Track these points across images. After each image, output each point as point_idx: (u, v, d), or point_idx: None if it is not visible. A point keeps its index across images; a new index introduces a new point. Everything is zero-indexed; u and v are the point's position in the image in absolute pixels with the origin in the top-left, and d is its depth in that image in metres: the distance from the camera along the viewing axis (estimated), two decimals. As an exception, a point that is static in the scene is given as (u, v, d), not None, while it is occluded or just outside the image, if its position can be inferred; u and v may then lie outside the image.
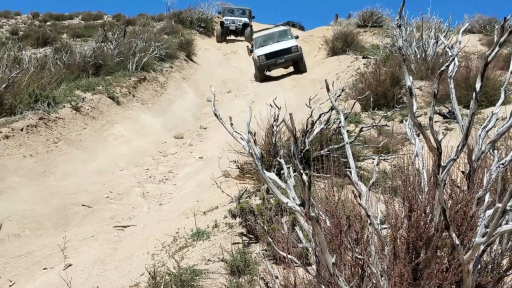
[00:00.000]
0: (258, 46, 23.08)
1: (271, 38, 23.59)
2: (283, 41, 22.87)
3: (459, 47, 3.58)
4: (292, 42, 22.62)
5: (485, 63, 2.74)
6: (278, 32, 24.09)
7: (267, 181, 3.03)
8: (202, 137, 14.50)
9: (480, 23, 27.46)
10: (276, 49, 22.14)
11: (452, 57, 2.99)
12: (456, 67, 3.11)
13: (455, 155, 2.75)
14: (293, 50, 22.05)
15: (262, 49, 22.51)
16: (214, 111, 3.44)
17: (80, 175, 10.57)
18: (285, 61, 22.10)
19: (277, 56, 21.92)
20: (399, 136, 8.51)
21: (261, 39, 23.82)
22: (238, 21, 33.11)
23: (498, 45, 2.72)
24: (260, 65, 22.17)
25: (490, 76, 10.47)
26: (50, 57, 17.54)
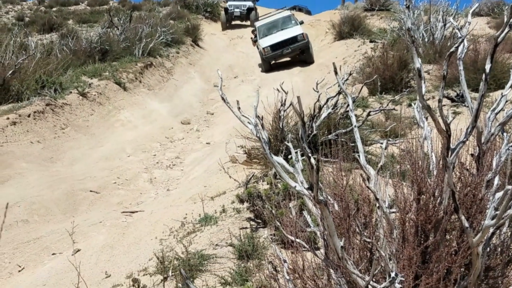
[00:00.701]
0: (262, 35, 21.99)
1: (275, 26, 22.46)
2: (288, 29, 21.73)
3: (468, 29, 3.53)
4: (297, 29, 21.41)
5: (495, 44, 2.70)
6: (282, 19, 22.87)
7: (275, 165, 3.02)
8: (209, 123, 14.49)
9: (488, 6, 27.24)
10: (282, 39, 20.95)
11: (461, 39, 2.95)
12: (465, 49, 3.08)
13: (465, 138, 2.72)
14: (299, 38, 20.77)
15: (267, 39, 21.40)
16: (222, 95, 3.41)
17: (87, 161, 10.60)
18: (291, 51, 20.86)
19: (283, 46, 20.78)
20: (407, 120, 8.47)
21: (264, 27, 22.61)
22: (242, 6, 32.31)
23: (508, 26, 2.68)
24: (266, 57, 21.07)
25: (498, 59, 10.39)
26: (56, 43, 17.53)
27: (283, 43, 20.77)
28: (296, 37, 20.75)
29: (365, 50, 17.86)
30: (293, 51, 20.93)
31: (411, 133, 7.27)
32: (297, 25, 21.98)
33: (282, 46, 20.74)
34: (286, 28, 21.83)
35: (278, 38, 21.03)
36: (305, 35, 20.89)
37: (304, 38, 20.73)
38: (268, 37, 21.44)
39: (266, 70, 21.30)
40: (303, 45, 20.74)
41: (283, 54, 20.98)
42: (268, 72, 21.06)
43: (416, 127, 5.67)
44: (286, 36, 20.96)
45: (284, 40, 20.78)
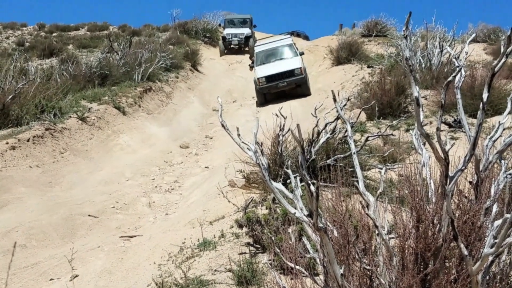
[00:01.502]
0: (260, 63, 20.99)
1: (273, 54, 21.43)
2: (287, 60, 20.62)
3: (465, 58, 3.58)
4: (296, 62, 20.27)
5: (492, 73, 2.74)
6: (282, 47, 21.79)
7: (275, 191, 3.04)
8: (207, 147, 14.52)
9: (484, 32, 27.58)
10: (278, 71, 19.73)
11: (459, 68, 2.99)
12: (463, 78, 3.12)
13: (463, 166, 2.75)
14: (296, 72, 19.69)
15: (263, 69, 20.23)
16: (221, 122, 3.45)
17: (86, 185, 10.59)
18: (287, 84, 19.64)
19: (279, 79, 19.56)
20: (405, 145, 8.51)
21: (263, 54, 21.56)
22: (240, 35, 32.06)
23: (505, 56, 2.73)
24: (260, 88, 19.78)
25: (495, 85, 10.47)
26: (56, 68, 17.64)
27: (279, 75, 19.70)
28: (294, 70, 19.75)
29: (363, 75, 17.99)
30: (289, 85, 19.79)
31: (409, 158, 7.30)
32: (297, 56, 20.95)
33: (278, 78, 19.65)
34: (285, 58, 20.93)
35: (275, 69, 19.98)
36: (303, 69, 19.95)
37: (301, 73, 19.76)
38: (265, 66, 20.52)
39: (261, 102, 20.06)
40: (299, 80, 19.80)
41: (278, 87, 19.74)
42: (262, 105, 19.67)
43: (414, 152, 5.69)
44: (283, 68, 19.91)
45: (281, 73, 19.73)
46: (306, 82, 20.06)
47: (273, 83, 19.57)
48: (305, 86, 19.97)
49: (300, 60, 20.38)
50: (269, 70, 19.91)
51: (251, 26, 33.85)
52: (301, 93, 19.85)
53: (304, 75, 19.82)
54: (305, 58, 23.64)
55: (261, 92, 19.89)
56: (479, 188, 2.99)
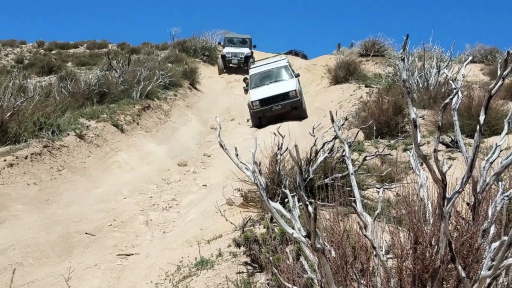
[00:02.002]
0: (254, 85, 20.50)
1: (268, 76, 20.87)
2: (282, 82, 20.16)
3: (462, 79, 3.62)
4: (291, 84, 19.73)
5: (488, 96, 2.77)
6: (277, 69, 21.19)
7: (273, 211, 3.05)
8: (205, 165, 14.52)
9: (481, 53, 27.81)
10: (272, 94, 19.21)
11: (456, 90, 3.02)
12: (460, 100, 3.15)
13: (460, 188, 2.77)
14: (291, 95, 19.18)
15: (257, 92, 19.74)
16: (220, 142, 3.47)
17: (83, 203, 10.57)
18: (282, 107, 19.07)
19: (273, 102, 19.09)
20: (403, 165, 8.53)
21: (257, 76, 21.04)
22: (240, 54, 31.88)
23: (502, 79, 2.76)
24: (254, 112, 19.26)
25: (492, 105, 10.52)
26: (55, 85, 17.68)
27: (273, 98, 19.20)
28: (288, 93, 19.23)
29: (361, 94, 18.08)
30: (284, 108, 19.16)
31: (406, 178, 7.31)
32: (292, 78, 20.45)
33: (272, 101, 19.15)
34: (279, 80, 20.49)
35: (269, 92, 19.47)
36: (298, 91, 19.43)
37: (296, 95, 19.21)
38: (259, 89, 20.02)
39: (256, 125, 19.42)
40: (294, 103, 19.26)
41: (273, 110, 19.18)
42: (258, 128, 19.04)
43: (412, 172, 5.70)
44: (277, 91, 19.41)
45: (275, 96, 19.23)
46: (302, 105, 19.58)
47: (267, 106, 19.10)
48: (301, 108, 19.47)
49: (295, 82, 19.93)
50: (263, 93, 19.46)
51: (251, 46, 33.88)
52: (297, 116, 19.25)
53: (299, 97, 19.33)
54: (303, 76, 23.67)
55: (256, 116, 19.41)
56: (476, 210, 3.01)
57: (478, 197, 3.04)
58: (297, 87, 19.59)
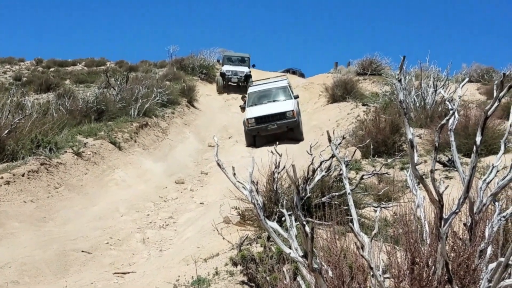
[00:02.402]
0: (251, 104, 20.26)
1: (266, 95, 20.65)
2: (280, 102, 19.89)
3: (458, 100, 3.65)
4: (289, 104, 19.39)
5: (484, 117, 2.80)
6: (276, 89, 21.03)
7: (270, 231, 3.05)
8: (203, 183, 14.51)
9: (478, 72, 27.99)
10: (269, 112, 18.87)
11: (452, 111, 3.05)
12: (456, 120, 3.17)
13: (457, 208, 2.78)
14: (288, 115, 18.75)
15: (254, 110, 19.43)
16: (217, 161, 3.48)
17: (80, 220, 10.54)
18: (278, 127, 18.56)
19: (269, 121, 18.63)
20: (400, 184, 8.54)
21: (255, 95, 20.85)
22: (240, 73, 31.68)
23: (498, 100, 2.78)
24: (248, 129, 18.83)
25: (488, 125, 10.57)
26: (53, 103, 17.70)
27: (269, 117, 18.78)
28: (285, 113, 18.81)
29: (358, 113, 18.15)
30: (280, 128, 18.65)
31: (403, 197, 7.32)
32: (291, 99, 20.15)
33: (268, 120, 18.71)
34: (277, 100, 20.23)
35: (265, 110, 19.13)
36: (296, 112, 19.00)
37: (293, 116, 18.77)
38: (256, 107, 19.71)
39: (249, 144, 19.08)
40: (291, 123, 18.79)
41: (268, 129, 18.69)
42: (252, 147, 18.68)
43: (409, 191, 5.71)
44: (274, 110, 19.03)
45: (271, 114, 18.81)
46: (299, 126, 19.12)
47: (263, 125, 18.68)
48: (297, 130, 19.01)
49: (293, 103, 19.60)
50: (260, 111, 19.12)
51: (249, 65, 33.82)
52: (293, 137, 18.70)
53: (297, 118, 18.87)
54: (300, 95, 23.70)
55: (250, 134, 19.00)
56: (473, 230, 3.01)
57: (475, 217, 3.05)
58: (295, 108, 19.23)
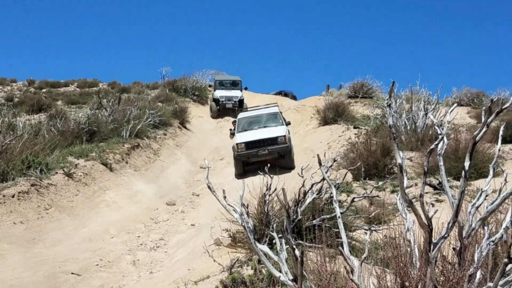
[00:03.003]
0: (241, 129, 19.26)
1: (257, 121, 19.75)
2: (271, 128, 18.87)
3: (447, 125, 3.69)
4: (280, 130, 18.40)
5: (473, 142, 2.83)
6: (267, 115, 20.13)
7: (260, 254, 3.06)
8: (194, 204, 14.48)
9: (468, 96, 28.24)
10: (260, 137, 17.90)
11: (441, 136, 3.08)
12: (445, 145, 3.21)
13: (446, 233, 2.80)
14: (279, 141, 17.72)
15: (244, 135, 18.51)
16: (208, 184, 3.49)
17: (70, 242, 10.48)
18: (268, 153, 17.48)
19: (260, 146, 17.64)
20: (390, 207, 8.55)
21: (245, 121, 19.97)
22: (234, 98, 30.98)
23: (486, 126, 2.82)
24: (238, 155, 17.81)
25: (479, 148, 10.66)
26: (44, 124, 17.69)
27: (260, 142, 17.78)
28: (276, 138, 17.80)
29: (349, 136, 18.20)
30: (270, 154, 17.51)
31: (394, 219, 7.33)
32: (282, 125, 19.14)
33: (258, 145, 17.72)
34: (268, 126, 19.21)
35: (256, 135, 18.18)
36: (287, 138, 18.02)
37: (285, 141, 17.76)
38: (246, 133, 18.77)
39: (239, 173, 18.00)
40: (282, 149, 17.74)
41: (258, 155, 17.67)
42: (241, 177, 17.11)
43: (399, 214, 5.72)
44: (265, 135, 18.08)
45: (262, 140, 17.82)
46: (290, 153, 18.17)
47: (253, 150, 17.71)
48: (288, 157, 17.98)
49: (285, 129, 18.67)
50: (250, 136, 18.22)
51: (241, 88, 33.46)
52: (284, 165, 17.13)
53: (288, 144, 17.93)
54: (292, 117, 23.77)
55: (240, 160, 17.96)
56: (462, 255, 3.03)
57: (464, 242, 3.06)
58: (287, 134, 18.37)
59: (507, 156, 12.64)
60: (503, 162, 11.05)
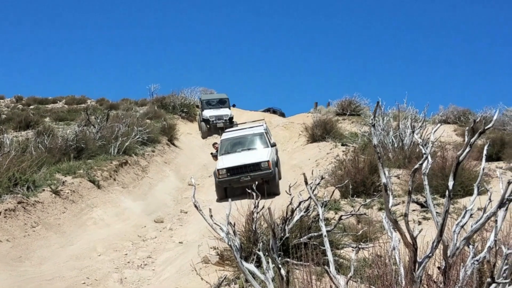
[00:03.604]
0: (224, 151, 18.17)
1: (241, 143, 18.56)
2: (254, 151, 17.75)
3: (434, 141, 3.73)
4: (264, 154, 17.22)
5: (456, 162, 2.87)
6: (252, 136, 18.82)
7: (246, 273, 3.07)
8: (182, 221, 14.43)
9: (454, 114, 28.50)
10: (242, 162, 16.75)
11: (425, 156, 3.12)
12: (430, 164, 3.24)
13: (430, 252, 2.82)
14: (263, 166, 16.50)
15: (226, 159, 17.36)
16: (194, 203, 3.50)
17: (57, 260, 10.40)
18: (251, 179, 15.73)
19: (242, 172, 16.52)
20: (378, 224, 8.59)
21: (228, 142, 18.75)
22: (224, 116, 30.54)
23: (469, 146, 2.86)
24: (219, 181, 16.54)
25: (465, 166, 10.76)
26: (32, 141, 17.61)
27: (242, 168, 16.65)
28: (260, 164, 16.57)
29: (337, 153, 18.29)
30: (254, 180, 15.06)
31: (382, 237, 7.36)
32: (268, 147, 17.94)
33: (240, 171, 16.58)
34: (252, 148, 18.10)
35: (238, 160, 17.02)
36: (272, 163, 16.70)
37: (269, 167, 16.49)
38: (229, 156, 17.67)
39: (220, 197, 16.76)
40: (266, 175, 16.49)
41: (241, 181, 16.40)
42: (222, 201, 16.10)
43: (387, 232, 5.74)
44: (248, 160, 16.91)
45: (244, 165, 16.66)
46: (275, 178, 16.81)
47: (235, 176, 16.52)
48: (273, 183, 16.65)
49: (269, 152, 17.43)
50: (232, 161, 17.06)
51: (229, 105, 33.14)
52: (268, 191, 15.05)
53: (272, 170, 16.57)
54: (280, 134, 23.80)
55: (221, 187, 16.75)
56: (447, 274, 3.05)
57: (448, 261, 3.09)
58: (272, 158, 17.11)
59: (494, 174, 12.74)
60: (489, 180, 11.13)
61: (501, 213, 3.33)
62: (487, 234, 4.32)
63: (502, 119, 23.94)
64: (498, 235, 3.98)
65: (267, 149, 17.77)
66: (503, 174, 11.54)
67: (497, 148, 16.15)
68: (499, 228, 3.26)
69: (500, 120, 23.77)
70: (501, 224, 3.30)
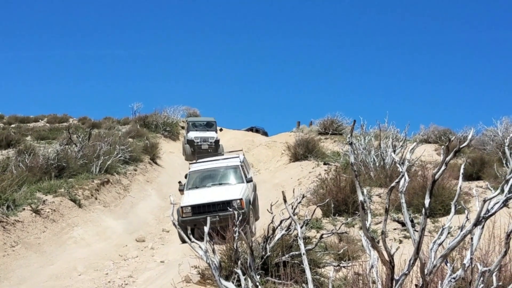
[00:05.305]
0: (192, 186, 15.48)
1: (211, 176, 15.90)
2: (227, 186, 15.15)
3: (411, 160, 3.78)
4: (237, 191, 14.45)
5: (432, 180, 2.92)
6: (224, 169, 16.13)
7: (226, 292, 3.07)
8: (164, 240, 14.36)
9: (435, 134, 28.78)
10: (210, 200, 13.96)
11: (402, 174, 3.17)
12: (407, 183, 3.29)
13: (407, 270, 2.86)
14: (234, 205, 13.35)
15: (193, 195, 14.63)
16: (173, 221, 3.51)
17: (36, 280, 10.30)
18: (220, 220, 12.98)
19: (210, 211, 13.51)
20: (360, 243, 8.62)
21: (198, 175, 16.02)
22: (210, 139, 29.53)
23: (445, 164, 2.91)
24: (182, 221, 13.36)
25: (446, 185, 10.88)
26: (13, 159, 17.48)
27: (210, 206, 13.82)
28: (231, 202, 13.59)
29: (319, 172, 18.36)
30: (223, 221, 12.46)
31: (363, 256, 7.39)
32: (242, 182, 15.28)
33: (208, 210, 13.66)
34: (225, 183, 15.46)
35: (206, 197, 14.23)
36: (245, 202, 13.83)
37: (242, 206, 13.44)
38: (197, 191, 14.96)
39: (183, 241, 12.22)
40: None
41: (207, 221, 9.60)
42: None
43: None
44: (217, 197, 14.11)
45: (213, 203, 13.86)
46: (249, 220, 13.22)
47: (201, 215, 13.33)
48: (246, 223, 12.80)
49: (243, 189, 14.68)
50: (199, 198, 14.28)
51: (216, 129, 31.70)
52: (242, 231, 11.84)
53: (245, 210, 13.30)
54: (263, 153, 23.80)
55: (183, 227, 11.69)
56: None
57: (426, 278, 3.12)
58: (245, 196, 14.28)
59: (474, 193, 12.87)
60: (469, 199, 11.23)
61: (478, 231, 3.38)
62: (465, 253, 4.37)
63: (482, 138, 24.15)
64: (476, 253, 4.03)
65: (241, 185, 15.15)
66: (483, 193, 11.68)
67: (477, 168, 16.30)
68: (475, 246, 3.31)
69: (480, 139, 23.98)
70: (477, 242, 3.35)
